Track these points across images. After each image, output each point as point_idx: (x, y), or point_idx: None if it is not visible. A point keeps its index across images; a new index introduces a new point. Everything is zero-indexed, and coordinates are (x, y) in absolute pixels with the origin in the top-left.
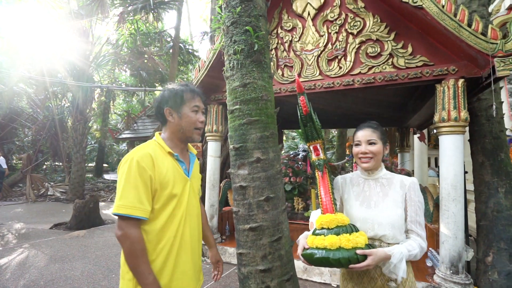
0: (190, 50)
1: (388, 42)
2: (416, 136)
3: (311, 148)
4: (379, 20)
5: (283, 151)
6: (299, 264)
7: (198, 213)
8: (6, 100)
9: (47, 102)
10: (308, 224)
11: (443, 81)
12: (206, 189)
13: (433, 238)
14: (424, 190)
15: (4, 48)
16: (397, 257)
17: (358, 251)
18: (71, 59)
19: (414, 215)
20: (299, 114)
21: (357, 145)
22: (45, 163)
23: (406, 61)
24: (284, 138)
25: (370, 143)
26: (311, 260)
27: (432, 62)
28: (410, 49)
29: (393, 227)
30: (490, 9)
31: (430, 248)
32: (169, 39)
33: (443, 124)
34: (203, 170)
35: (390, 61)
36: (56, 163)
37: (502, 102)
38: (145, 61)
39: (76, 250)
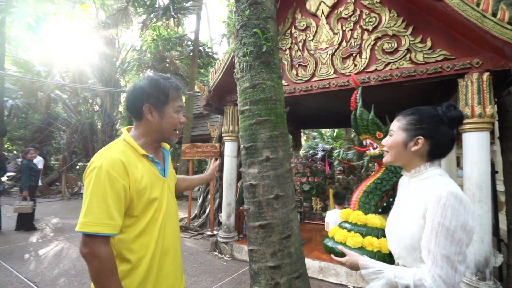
0: (209, 53)
1: (406, 37)
2: None
3: (365, 142)
4: (395, 15)
5: (303, 151)
6: (314, 264)
7: (176, 212)
8: (44, 106)
9: (79, 107)
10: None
11: (465, 76)
12: (223, 188)
13: None
14: None
15: (43, 58)
16: (370, 271)
17: (339, 247)
18: (99, 65)
19: (426, 239)
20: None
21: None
22: (78, 163)
23: (425, 55)
24: (305, 138)
25: (390, 134)
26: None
27: (454, 56)
28: (429, 43)
29: (399, 245)
30: None
31: None
32: (189, 43)
33: (467, 120)
34: (220, 169)
35: (407, 56)
36: (88, 163)
37: None
38: (167, 65)
39: None
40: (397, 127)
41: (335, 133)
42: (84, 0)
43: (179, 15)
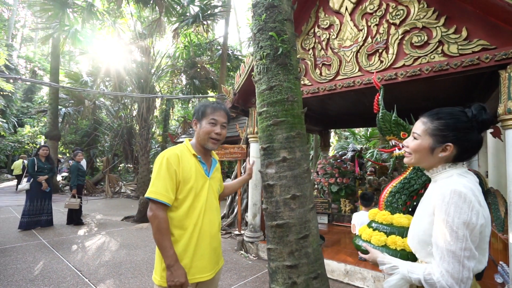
0: (238, 56)
1: (437, 28)
2: (489, 132)
3: (391, 143)
4: (425, 6)
5: (334, 151)
6: (340, 267)
7: (217, 209)
8: (91, 113)
9: (119, 112)
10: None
11: (508, 66)
12: (249, 188)
13: (505, 250)
14: (495, 194)
15: (90, 69)
16: (386, 267)
17: (362, 244)
18: (137, 73)
19: (434, 234)
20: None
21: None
22: (120, 165)
23: (460, 47)
24: (336, 138)
25: (414, 136)
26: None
27: (494, 46)
28: (464, 33)
29: (413, 239)
30: None
31: (500, 262)
32: (219, 48)
33: (509, 116)
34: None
35: (439, 49)
36: (128, 165)
37: None
38: (198, 70)
39: (140, 240)
40: (423, 131)
41: (368, 133)
42: (124, 14)
43: (208, 21)
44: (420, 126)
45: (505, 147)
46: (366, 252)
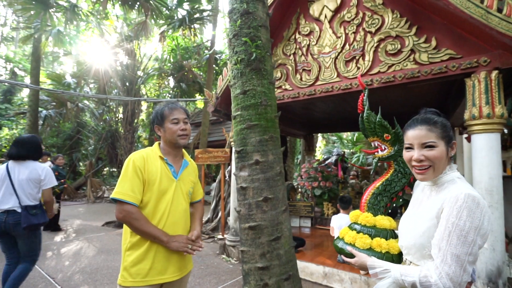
0: (226, 60)
1: (409, 37)
2: (464, 137)
3: (373, 144)
4: (398, 16)
5: (321, 156)
6: (318, 269)
7: (185, 210)
8: (74, 115)
9: (104, 115)
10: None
11: (472, 75)
12: (231, 192)
13: None
14: None
15: (74, 71)
16: (377, 271)
17: (348, 248)
18: (122, 76)
19: (438, 237)
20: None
21: (408, 148)
22: (104, 169)
23: (430, 55)
24: (324, 142)
25: (427, 146)
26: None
27: (460, 55)
28: (434, 43)
29: (409, 242)
30: None
31: None
32: (206, 51)
33: (474, 122)
34: (230, 174)
35: (411, 57)
36: (112, 169)
37: None
38: (185, 73)
39: (120, 245)
40: (436, 137)
41: (355, 137)
42: (109, 16)
43: (195, 25)
44: (428, 134)
45: (472, 151)
46: (351, 255)
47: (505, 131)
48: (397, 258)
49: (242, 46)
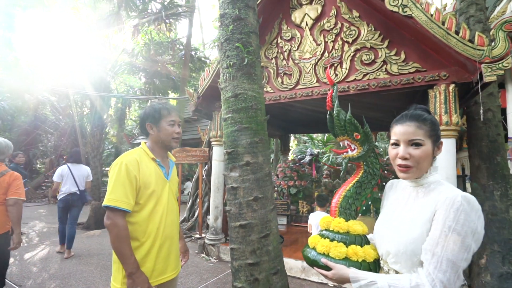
0: (201, 58)
1: (382, 49)
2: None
3: (342, 144)
4: (373, 29)
5: (293, 155)
6: (297, 264)
7: (177, 210)
8: (32, 108)
9: (68, 109)
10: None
11: (434, 87)
12: (211, 191)
13: None
14: None
15: (33, 60)
16: (362, 284)
17: (322, 260)
18: (90, 68)
19: (432, 242)
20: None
21: (394, 144)
22: None
23: (399, 67)
24: (296, 142)
25: (413, 143)
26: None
27: (424, 68)
28: (403, 56)
29: (398, 250)
30: (495, 12)
31: None
32: (181, 47)
33: None
34: (209, 173)
35: (384, 68)
36: None
37: (499, 106)
38: (159, 69)
39: (92, 248)
40: (423, 135)
41: (325, 138)
42: (76, 4)
43: (171, 20)
44: (417, 131)
45: None
46: (325, 267)
47: None
48: (374, 266)
49: (234, 51)
